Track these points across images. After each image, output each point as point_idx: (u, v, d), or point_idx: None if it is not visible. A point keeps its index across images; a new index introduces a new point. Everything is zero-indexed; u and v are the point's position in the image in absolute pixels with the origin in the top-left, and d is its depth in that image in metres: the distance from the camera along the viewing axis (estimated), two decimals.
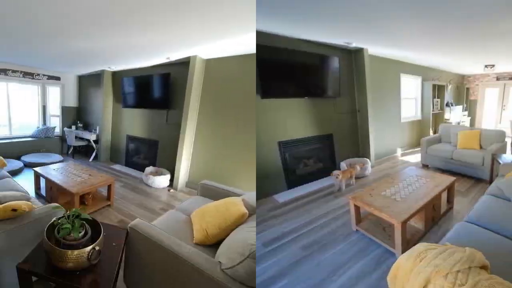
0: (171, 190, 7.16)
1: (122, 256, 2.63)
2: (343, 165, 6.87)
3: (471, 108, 13.84)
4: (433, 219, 4.31)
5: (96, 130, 10.10)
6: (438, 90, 11.46)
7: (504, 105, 12.86)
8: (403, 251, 2.51)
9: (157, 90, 8.08)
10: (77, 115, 11.43)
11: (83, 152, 10.74)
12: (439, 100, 11.49)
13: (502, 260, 2.42)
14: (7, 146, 8.84)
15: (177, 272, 2.47)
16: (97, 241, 2.23)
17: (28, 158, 8.65)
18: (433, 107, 10.94)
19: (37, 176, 6.13)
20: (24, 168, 8.04)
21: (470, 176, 6.62)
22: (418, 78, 10.62)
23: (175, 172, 7.31)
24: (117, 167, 9.25)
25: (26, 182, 6.43)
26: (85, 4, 3.54)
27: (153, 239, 2.63)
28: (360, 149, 8.00)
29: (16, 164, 7.90)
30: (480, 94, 13.63)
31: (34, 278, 2.27)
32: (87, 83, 11.06)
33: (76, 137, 10.14)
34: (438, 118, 11.41)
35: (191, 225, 3.46)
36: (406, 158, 8.94)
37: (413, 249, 2.26)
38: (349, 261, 3.58)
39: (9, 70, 8.88)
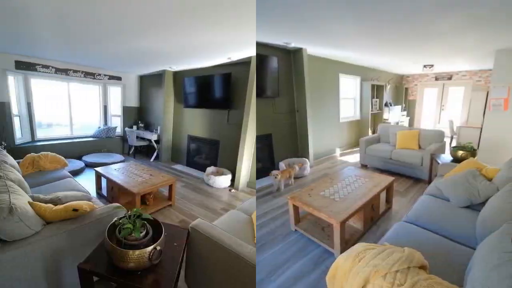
0: (232, 190, 7.24)
1: (183, 256, 2.70)
2: (282, 165, 6.88)
3: (410, 108, 14.48)
4: (372, 219, 4.40)
5: (157, 130, 10.30)
6: (377, 90, 11.88)
7: (443, 105, 13.53)
8: (342, 251, 2.52)
9: (218, 90, 8.04)
10: (138, 115, 11.74)
11: (144, 152, 11.09)
12: (378, 100, 11.89)
13: (441, 260, 2.49)
14: (69, 146, 9.15)
15: (238, 272, 2.48)
16: (158, 241, 2.28)
17: (89, 158, 8.96)
18: (372, 107, 11.29)
19: (98, 176, 6.28)
20: (85, 168, 8.33)
21: (409, 176, 6.86)
22: (357, 78, 10.92)
23: (236, 172, 7.36)
24: (178, 167, 9.46)
25: (87, 182, 6.73)
26: (147, 4, 3.59)
27: (214, 239, 2.67)
28: (299, 149, 8.10)
29: (77, 164, 8.22)
30: (419, 94, 14.26)
31: (95, 278, 2.34)
32: (148, 83, 11.22)
33: (137, 137, 10.36)
34: (377, 118, 11.82)
35: (252, 225, 3.64)
36: (345, 158, 9.13)
37: (352, 249, 2.26)
38: (288, 261, 3.60)
39: (70, 70, 9.01)
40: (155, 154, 10.22)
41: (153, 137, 10.03)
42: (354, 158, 8.90)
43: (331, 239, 3.74)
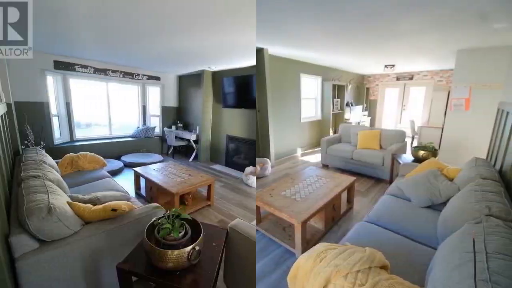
0: None
1: (222, 256, 2.71)
2: None
3: (371, 108, 14.77)
4: (333, 219, 4.44)
5: (196, 130, 10.31)
6: (338, 90, 12.05)
7: (404, 105, 13.84)
8: (303, 251, 2.51)
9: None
10: (177, 115, 11.75)
11: (183, 152, 11.15)
12: (339, 100, 12.06)
13: (402, 260, 2.52)
14: (107, 146, 9.21)
15: None
16: (197, 241, 2.29)
17: (128, 158, 9.03)
18: (333, 107, 11.44)
19: (137, 176, 6.37)
20: (124, 168, 8.39)
21: (370, 176, 6.95)
22: (318, 78, 11.05)
23: None
24: (217, 167, 9.49)
25: (126, 182, 6.91)
26: (186, 4, 3.62)
27: (253, 239, 2.70)
28: (260, 149, 8.11)
29: (116, 164, 8.27)
30: (380, 94, 14.56)
31: (134, 278, 2.38)
32: (187, 83, 11.23)
33: (176, 137, 10.39)
34: (338, 118, 11.98)
35: None
36: (306, 158, 9.23)
37: (313, 249, 2.26)
38: None
39: (108, 70, 9.07)
40: (194, 154, 10.28)
41: (192, 137, 10.06)
42: (315, 158, 8.99)
43: (292, 239, 3.76)
